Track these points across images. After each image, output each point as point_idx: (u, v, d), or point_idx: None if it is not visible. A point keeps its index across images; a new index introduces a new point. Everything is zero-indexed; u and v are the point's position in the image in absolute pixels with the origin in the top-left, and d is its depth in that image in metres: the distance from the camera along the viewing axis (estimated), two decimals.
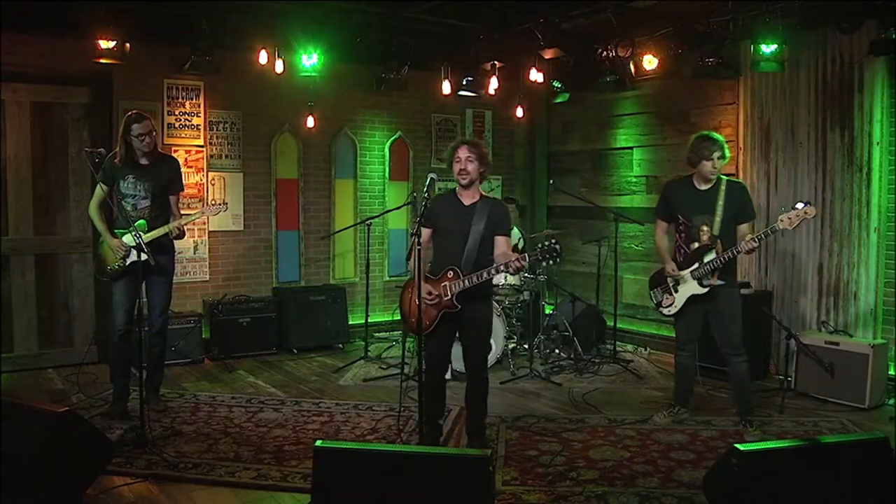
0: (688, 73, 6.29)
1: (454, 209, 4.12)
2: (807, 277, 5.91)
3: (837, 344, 5.29)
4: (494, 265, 4.02)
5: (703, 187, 4.54)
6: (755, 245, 4.30)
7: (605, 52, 6.51)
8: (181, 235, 4.91)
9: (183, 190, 5.08)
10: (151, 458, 4.07)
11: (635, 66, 6.58)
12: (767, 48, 5.46)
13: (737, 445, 2.93)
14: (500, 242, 4.17)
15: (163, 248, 4.83)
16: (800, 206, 4.21)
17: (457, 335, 4.24)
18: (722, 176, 4.54)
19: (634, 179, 7.46)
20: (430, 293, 4.00)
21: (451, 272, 4.04)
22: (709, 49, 5.86)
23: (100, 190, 4.76)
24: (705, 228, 4.47)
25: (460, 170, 4.06)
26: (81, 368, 5.78)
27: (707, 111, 6.71)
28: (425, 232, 4.13)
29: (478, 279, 3.98)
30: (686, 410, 4.85)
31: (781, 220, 4.22)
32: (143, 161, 4.79)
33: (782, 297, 6.08)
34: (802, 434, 4.61)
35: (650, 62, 6.40)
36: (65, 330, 6.26)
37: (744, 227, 4.54)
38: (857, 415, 5.00)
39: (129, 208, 4.76)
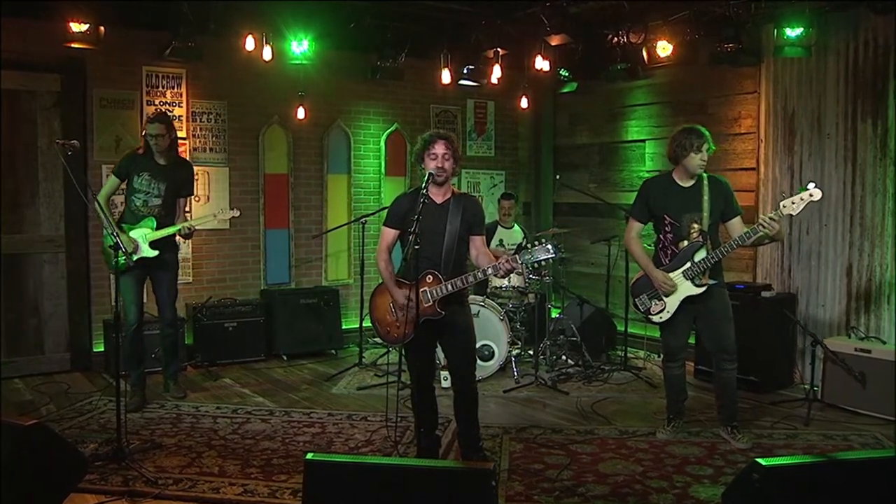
0: (705, 60, 6.27)
1: (425, 208, 3.84)
2: (834, 279, 5.87)
3: (869, 351, 5.26)
4: (481, 269, 3.98)
5: (686, 184, 4.56)
6: (776, 225, 4.18)
7: (615, 38, 6.51)
8: (191, 234, 5.47)
9: (192, 194, 5.68)
10: (128, 473, 4.03)
11: (648, 53, 6.55)
12: (792, 32, 5.45)
13: (758, 460, 2.88)
14: (477, 242, 4.15)
15: (169, 246, 5.41)
16: (811, 185, 4.18)
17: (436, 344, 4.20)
18: (703, 173, 4.54)
19: (647, 174, 7.42)
20: (409, 299, 3.89)
21: (429, 276, 3.97)
22: (728, 34, 5.85)
23: (112, 181, 5.27)
24: (695, 226, 4.50)
25: (437, 167, 3.95)
26: (52, 377, 5.74)
27: (725, 101, 6.68)
28: (392, 233, 4.13)
29: (462, 283, 3.94)
30: (683, 419, 4.89)
31: (784, 206, 4.20)
32: (161, 161, 5.29)
33: (807, 300, 6.05)
34: (831, 449, 4.57)
35: (664, 48, 6.36)
36: (34, 336, 6.22)
37: (737, 222, 4.54)
38: (892, 428, 4.95)
39: (139, 204, 5.28)
